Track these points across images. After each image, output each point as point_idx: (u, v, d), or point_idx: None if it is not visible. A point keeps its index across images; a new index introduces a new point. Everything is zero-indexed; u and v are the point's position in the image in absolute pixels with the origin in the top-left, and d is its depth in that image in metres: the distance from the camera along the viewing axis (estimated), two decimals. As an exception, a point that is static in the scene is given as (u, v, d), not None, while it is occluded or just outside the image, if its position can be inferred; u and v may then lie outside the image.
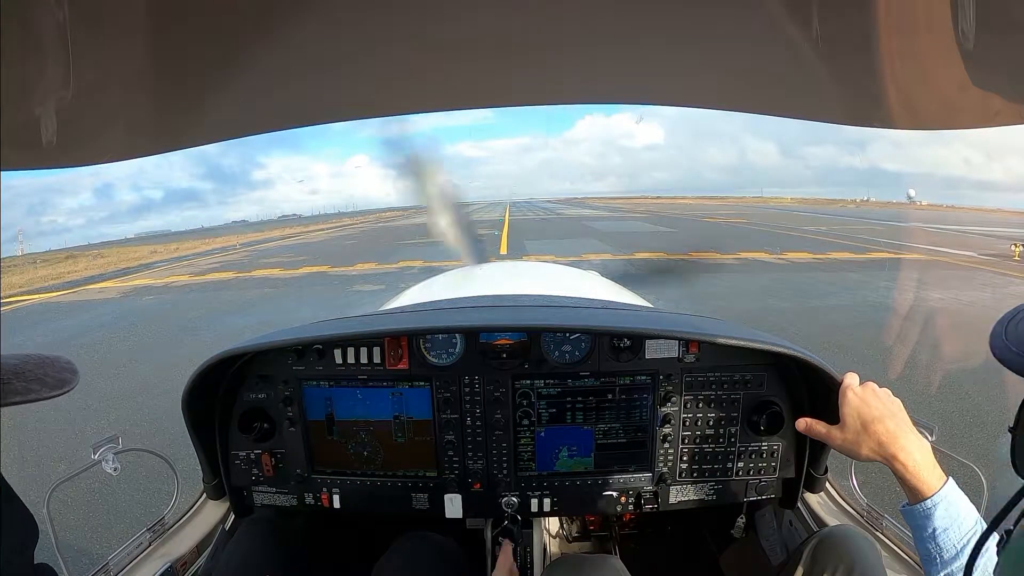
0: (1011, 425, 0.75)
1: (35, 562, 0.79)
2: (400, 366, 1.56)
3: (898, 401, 1.12)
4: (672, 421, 1.56)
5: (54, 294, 15.39)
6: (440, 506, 1.60)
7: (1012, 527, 0.71)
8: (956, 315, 8.41)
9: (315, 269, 16.50)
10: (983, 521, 0.97)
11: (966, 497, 1.00)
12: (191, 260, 23.99)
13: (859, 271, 12.70)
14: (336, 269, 16.23)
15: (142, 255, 29.81)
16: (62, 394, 0.72)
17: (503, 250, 17.87)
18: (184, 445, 1.53)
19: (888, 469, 1.06)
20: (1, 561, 0.72)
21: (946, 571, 0.96)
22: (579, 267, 3.77)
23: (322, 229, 43.73)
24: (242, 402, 1.59)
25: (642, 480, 1.60)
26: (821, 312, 8.68)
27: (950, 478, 1.01)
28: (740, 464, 1.58)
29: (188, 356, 6.18)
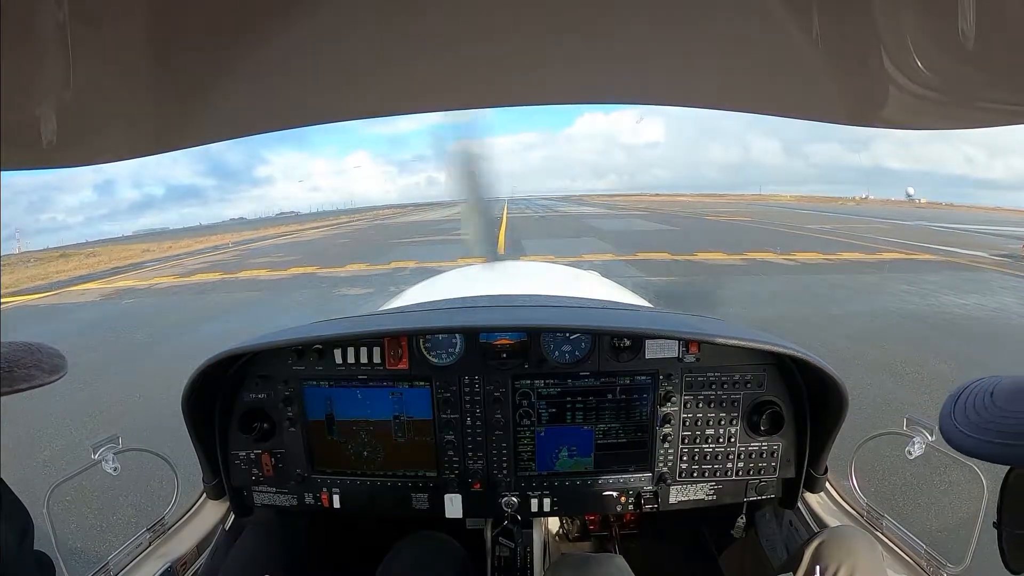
0: (995, 520, 0.72)
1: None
2: (400, 366, 1.56)
3: None
4: (672, 421, 1.57)
5: (36, 296, 14.91)
6: (440, 506, 1.60)
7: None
8: (986, 324, 7.83)
9: (304, 270, 16.00)
10: None
11: None
12: (181, 260, 23.46)
13: (873, 273, 12.18)
14: (325, 270, 15.69)
15: (134, 254, 29.38)
16: (59, 379, 0.73)
17: (500, 250, 17.62)
18: (181, 451, 1.52)
19: (888, 469, 1.06)
20: (6, 547, 0.74)
21: None
22: (579, 267, 3.75)
23: (317, 227, 43.20)
24: (242, 402, 1.59)
25: (642, 480, 1.61)
26: (843, 320, 7.93)
27: None
28: (740, 464, 1.58)
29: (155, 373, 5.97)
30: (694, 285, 11.05)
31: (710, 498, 1.62)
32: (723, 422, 1.57)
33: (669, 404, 1.56)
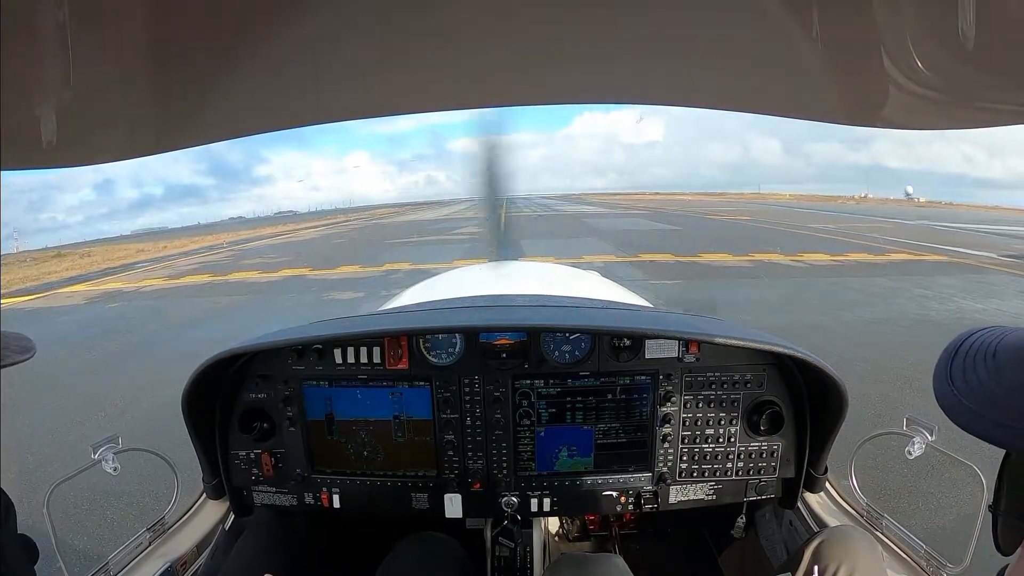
0: (990, 503, 0.66)
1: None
2: (400, 366, 1.56)
3: None
4: (672, 421, 1.57)
5: (22, 299, 14.46)
6: (440, 506, 1.60)
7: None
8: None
9: (295, 272, 15.51)
10: None
11: None
12: (173, 261, 22.91)
13: (884, 275, 11.63)
14: (317, 272, 15.18)
15: (128, 254, 28.80)
16: (30, 358, 0.79)
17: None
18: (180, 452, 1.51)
19: (888, 469, 1.06)
20: None
21: None
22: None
23: (314, 227, 42.56)
24: (242, 402, 1.59)
25: (642, 480, 1.61)
26: (859, 327, 7.42)
27: None
28: (740, 464, 1.58)
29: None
30: (700, 289, 10.59)
31: (710, 498, 1.62)
32: (723, 422, 1.57)
33: (669, 404, 1.56)
